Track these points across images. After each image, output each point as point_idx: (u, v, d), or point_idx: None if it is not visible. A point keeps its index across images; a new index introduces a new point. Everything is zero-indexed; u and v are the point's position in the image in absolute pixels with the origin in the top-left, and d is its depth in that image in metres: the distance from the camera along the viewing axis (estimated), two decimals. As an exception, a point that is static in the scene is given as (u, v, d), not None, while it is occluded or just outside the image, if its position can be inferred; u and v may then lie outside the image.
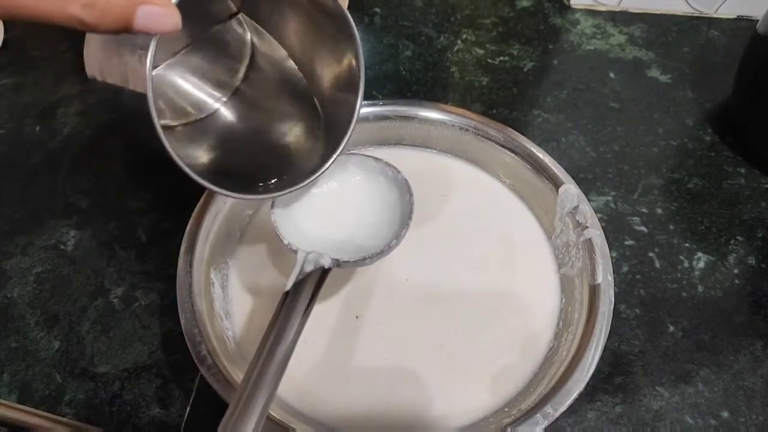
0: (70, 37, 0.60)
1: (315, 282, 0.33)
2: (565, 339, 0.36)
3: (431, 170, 0.46)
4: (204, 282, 0.37)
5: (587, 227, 0.39)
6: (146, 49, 0.25)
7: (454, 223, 0.43)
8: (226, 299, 0.39)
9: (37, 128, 0.53)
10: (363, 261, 0.35)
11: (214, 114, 0.39)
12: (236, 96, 0.39)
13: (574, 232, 0.39)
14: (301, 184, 0.34)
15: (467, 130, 0.45)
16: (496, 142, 0.44)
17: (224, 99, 0.39)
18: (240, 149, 0.38)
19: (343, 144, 0.34)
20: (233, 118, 0.39)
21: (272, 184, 0.35)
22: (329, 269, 0.34)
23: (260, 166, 0.36)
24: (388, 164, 0.38)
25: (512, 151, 0.43)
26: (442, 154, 0.47)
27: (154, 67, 0.28)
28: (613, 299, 0.36)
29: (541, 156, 0.42)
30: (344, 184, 0.39)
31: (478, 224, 0.43)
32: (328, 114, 0.37)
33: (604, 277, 0.36)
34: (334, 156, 0.34)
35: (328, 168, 0.34)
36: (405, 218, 0.36)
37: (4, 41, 0.60)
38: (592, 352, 0.33)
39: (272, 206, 0.36)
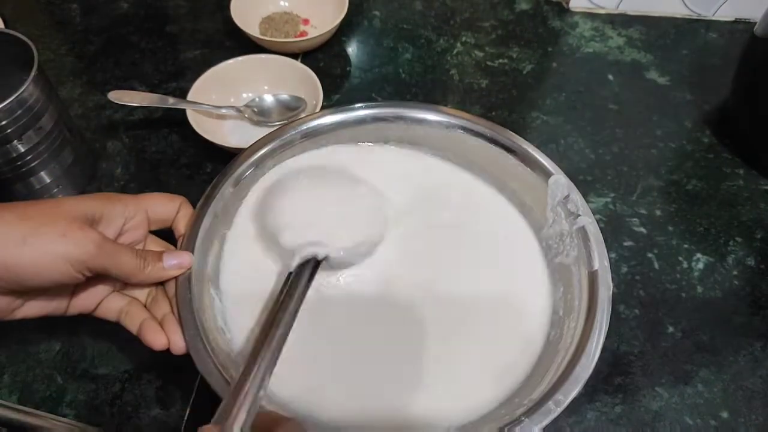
0: (70, 41, 0.61)
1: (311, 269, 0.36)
2: (568, 326, 0.36)
3: (428, 171, 0.46)
4: (204, 282, 0.37)
5: (579, 215, 0.39)
6: None
7: (447, 223, 0.43)
8: (224, 300, 0.39)
9: (38, 131, 0.53)
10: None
11: None
12: None
13: (566, 221, 0.40)
14: None
15: (456, 128, 0.44)
16: (485, 140, 0.44)
17: None
18: None
19: None
20: None
21: None
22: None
23: None
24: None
25: (500, 145, 0.43)
26: (438, 155, 0.47)
27: None
28: (611, 284, 0.36)
29: (527, 148, 0.42)
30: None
31: (470, 223, 0.43)
32: None
33: (601, 262, 0.37)
34: None
35: None
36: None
37: (6, 44, 0.60)
38: (596, 336, 0.33)
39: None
